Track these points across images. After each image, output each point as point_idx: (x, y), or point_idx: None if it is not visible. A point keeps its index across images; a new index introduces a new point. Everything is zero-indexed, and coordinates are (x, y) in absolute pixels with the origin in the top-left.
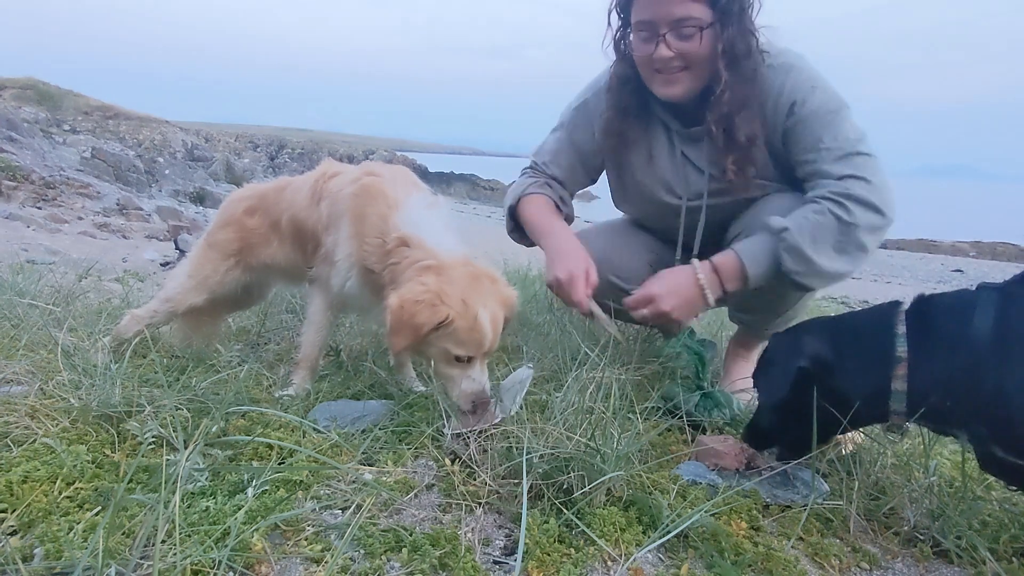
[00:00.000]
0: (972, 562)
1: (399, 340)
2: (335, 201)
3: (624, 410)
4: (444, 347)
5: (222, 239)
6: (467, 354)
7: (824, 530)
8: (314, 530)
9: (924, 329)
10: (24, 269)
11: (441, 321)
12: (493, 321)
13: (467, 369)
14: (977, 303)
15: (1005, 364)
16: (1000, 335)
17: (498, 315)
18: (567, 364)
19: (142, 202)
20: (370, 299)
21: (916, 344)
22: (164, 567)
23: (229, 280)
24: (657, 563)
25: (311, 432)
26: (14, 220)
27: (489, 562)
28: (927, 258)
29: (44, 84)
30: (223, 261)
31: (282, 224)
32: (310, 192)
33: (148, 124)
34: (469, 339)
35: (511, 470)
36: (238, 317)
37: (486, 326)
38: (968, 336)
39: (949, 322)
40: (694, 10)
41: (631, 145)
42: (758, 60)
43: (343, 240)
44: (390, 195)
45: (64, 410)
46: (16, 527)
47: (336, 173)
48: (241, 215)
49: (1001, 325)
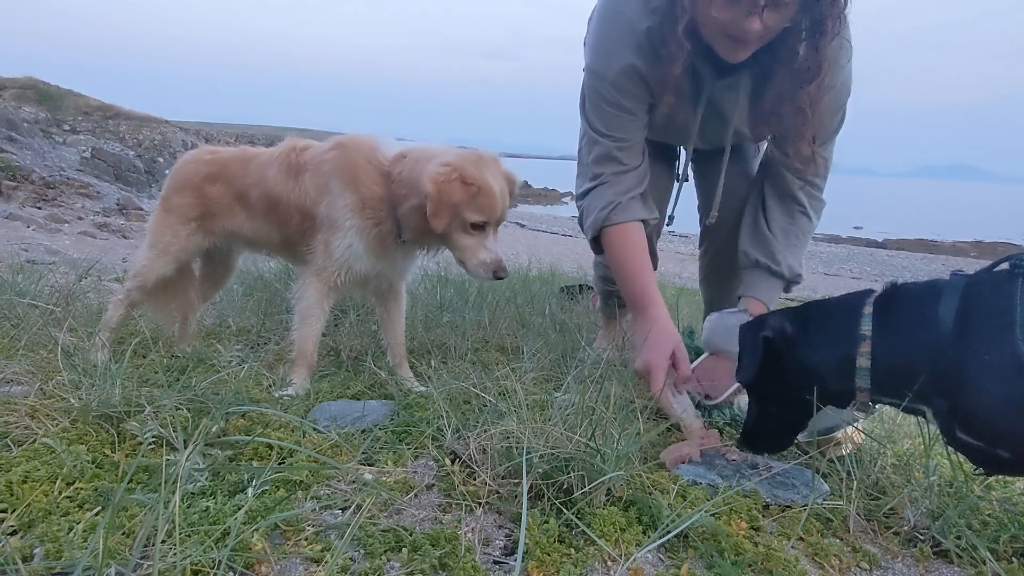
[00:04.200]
0: (972, 562)
1: (440, 220)
2: (318, 169)
3: (624, 410)
4: (464, 216)
5: (180, 204)
6: (483, 219)
7: (824, 530)
8: (314, 530)
9: (889, 311)
10: (24, 269)
11: (473, 194)
12: (501, 190)
13: (483, 239)
14: (944, 289)
15: (967, 348)
16: (963, 319)
17: (504, 186)
18: (567, 364)
19: (142, 202)
20: (373, 258)
21: (880, 324)
22: (164, 567)
23: (191, 246)
24: (657, 563)
25: (311, 432)
26: (14, 220)
27: (489, 562)
28: (928, 258)
29: (44, 84)
30: (183, 226)
31: (250, 198)
32: (282, 167)
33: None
34: (486, 205)
35: (511, 470)
36: (238, 317)
37: (498, 192)
38: (932, 317)
39: (915, 305)
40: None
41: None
42: (836, 35)
43: (337, 195)
44: (366, 140)
45: (64, 410)
46: (16, 527)
47: (307, 146)
48: (201, 181)
49: (965, 310)
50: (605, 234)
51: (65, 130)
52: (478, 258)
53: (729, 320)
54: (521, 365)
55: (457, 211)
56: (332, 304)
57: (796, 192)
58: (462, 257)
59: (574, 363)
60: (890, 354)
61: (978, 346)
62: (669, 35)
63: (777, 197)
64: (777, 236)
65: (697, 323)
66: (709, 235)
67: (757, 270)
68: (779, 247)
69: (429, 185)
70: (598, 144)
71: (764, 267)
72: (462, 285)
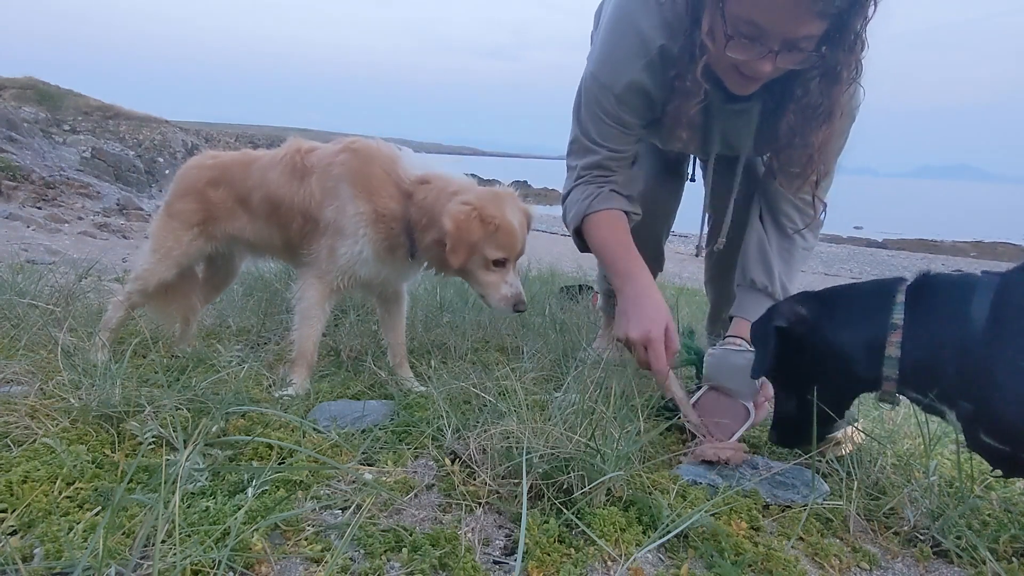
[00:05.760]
0: (972, 562)
1: (458, 257)
2: (326, 171)
3: (624, 410)
4: (484, 254)
5: (183, 209)
6: (503, 256)
7: (824, 530)
8: (314, 530)
9: (923, 301)
10: (24, 269)
11: (492, 232)
12: (520, 225)
13: (504, 274)
14: (978, 286)
15: (996, 349)
16: (995, 319)
17: (523, 221)
18: (567, 364)
19: (142, 202)
20: (379, 265)
21: (913, 314)
22: (164, 567)
23: (193, 250)
24: (657, 563)
25: (311, 432)
26: (14, 220)
27: (489, 562)
28: (928, 258)
29: (44, 84)
30: (185, 232)
31: (252, 201)
32: (286, 169)
33: (148, 124)
34: (506, 242)
35: (511, 470)
36: (238, 317)
37: (517, 229)
38: (964, 315)
39: (948, 299)
40: (816, 28)
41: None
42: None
43: (348, 202)
44: (385, 152)
45: (64, 410)
46: (16, 527)
47: (312, 148)
48: (204, 186)
49: (997, 309)
50: (586, 223)
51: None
52: (500, 293)
53: (736, 360)
54: (521, 365)
55: (476, 248)
56: (333, 305)
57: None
58: (483, 292)
59: (574, 363)
60: (919, 347)
61: (1010, 351)
62: (686, 70)
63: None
64: (777, 258)
65: (697, 323)
66: (715, 236)
67: (754, 291)
68: (778, 269)
69: (449, 223)
70: (591, 152)
71: (762, 289)
72: (462, 286)
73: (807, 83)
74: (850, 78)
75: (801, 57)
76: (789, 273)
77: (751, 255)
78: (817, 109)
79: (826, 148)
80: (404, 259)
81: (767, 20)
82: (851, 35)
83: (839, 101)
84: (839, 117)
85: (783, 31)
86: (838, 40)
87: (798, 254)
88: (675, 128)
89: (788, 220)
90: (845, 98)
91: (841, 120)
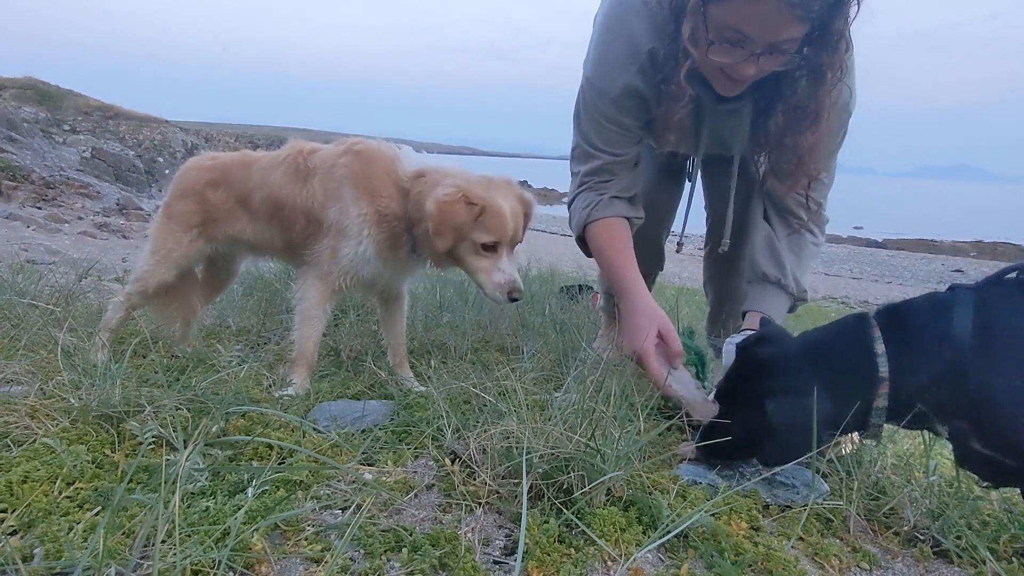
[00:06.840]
0: (972, 562)
1: (442, 240)
2: (329, 173)
3: (624, 410)
4: (473, 238)
5: (182, 210)
6: (493, 240)
7: (824, 530)
8: (314, 530)
9: (903, 342)
10: (24, 269)
11: (477, 215)
12: (513, 210)
13: (496, 260)
14: (955, 304)
15: (989, 365)
16: (981, 335)
17: (516, 207)
18: (567, 364)
19: (142, 202)
20: (382, 265)
21: (897, 361)
22: (164, 567)
23: (193, 252)
24: (657, 563)
25: (311, 432)
26: (14, 220)
27: (489, 562)
28: (928, 258)
29: (44, 84)
30: (184, 233)
31: (253, 202)
32: (289, 171)
33: (148, 124)
34: (495, 225)
35: (511, 470)
36: (238, 317)
37: (508, 212)
38: (949, 338)
39: (928, 329)
40: (797, 31)
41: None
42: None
43: (350, 203)
44: (386, 152)
45: (64, 410)
46: (16, 527)
47: (314, 149)
48: (203, 187)
49: (981, 326)
50: (588, 230)
51: (65, 130)
52: (493, 280)
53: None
54: (521, 365)
55: (463, 232)
56: (333, 306)
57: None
58: (477, 279)
59: (574, 363)
60: (910, 386)
61: (1006, 369)
62: (672, 74)
63: (777, 212)
64: (788, 252)
65: (697, 323)
66: (714, 235)
67: (766, 284)
68: (789, 263)
69: (432, 206)
70: (592, 158)
71: (774, 282)
72: (462, 285)
73: (795, 83)
74: (835, 79)
75: (784, 59)
76: (800, 266)
77: (760, 251)
78: (805, 110)
79: (815, 150)
80: (406, 257)
81: (748, 26)
82: (834, 36)
83: (824, 102)
84: (827, 119)
85: (765, 36)
86: (821, 41)
87: (808, 249)
88: (664, 131)
89: (794, 217)
90: (831, 99)
91: (831, 120)
